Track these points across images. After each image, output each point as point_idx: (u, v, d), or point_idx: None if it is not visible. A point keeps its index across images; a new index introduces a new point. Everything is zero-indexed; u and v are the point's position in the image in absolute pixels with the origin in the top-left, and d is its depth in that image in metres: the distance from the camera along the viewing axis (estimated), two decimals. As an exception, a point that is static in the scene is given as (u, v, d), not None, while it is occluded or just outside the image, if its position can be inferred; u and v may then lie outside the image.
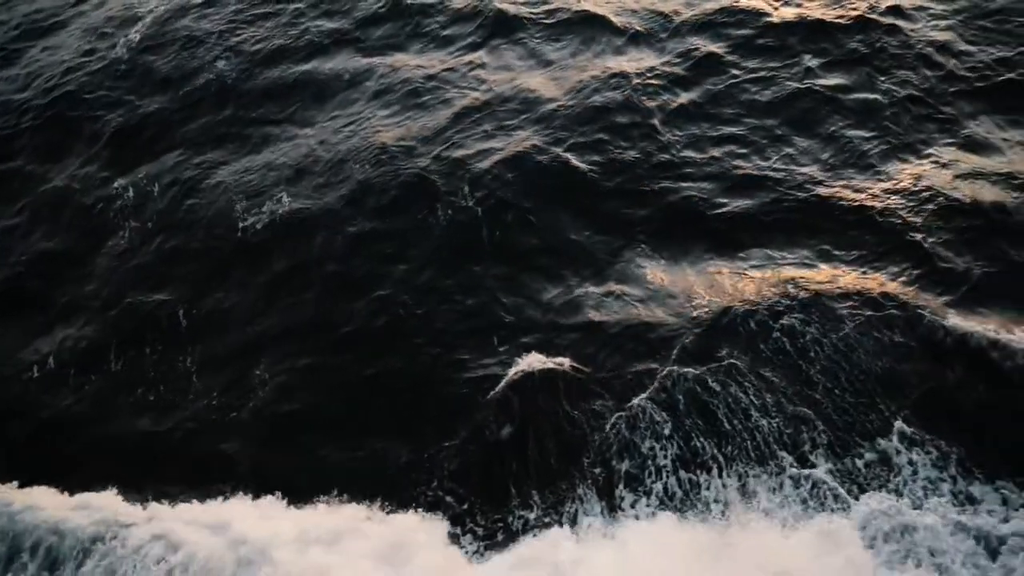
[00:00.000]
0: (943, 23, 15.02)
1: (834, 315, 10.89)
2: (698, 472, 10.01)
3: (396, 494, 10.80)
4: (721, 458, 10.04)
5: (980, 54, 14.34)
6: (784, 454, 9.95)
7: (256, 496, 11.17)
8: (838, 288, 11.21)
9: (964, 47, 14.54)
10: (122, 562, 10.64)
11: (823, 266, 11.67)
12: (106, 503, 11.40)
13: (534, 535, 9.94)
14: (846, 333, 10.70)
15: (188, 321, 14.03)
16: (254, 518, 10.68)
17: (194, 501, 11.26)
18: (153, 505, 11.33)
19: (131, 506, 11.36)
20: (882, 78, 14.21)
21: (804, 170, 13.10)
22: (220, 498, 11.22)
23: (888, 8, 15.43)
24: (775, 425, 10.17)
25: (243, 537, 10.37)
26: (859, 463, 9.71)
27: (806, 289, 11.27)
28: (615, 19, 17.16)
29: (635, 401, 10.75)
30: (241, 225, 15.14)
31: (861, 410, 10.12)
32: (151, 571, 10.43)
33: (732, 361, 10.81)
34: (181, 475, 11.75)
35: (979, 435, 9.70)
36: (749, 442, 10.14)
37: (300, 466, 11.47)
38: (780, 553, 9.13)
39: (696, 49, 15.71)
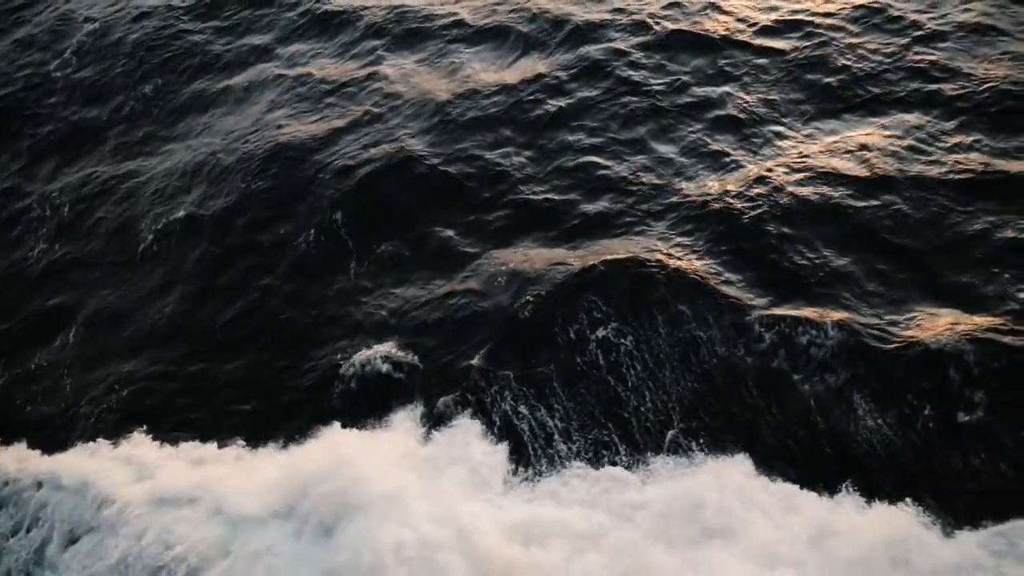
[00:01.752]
0: (818, 40, 14.49)
1: (652, 324, 10.50)
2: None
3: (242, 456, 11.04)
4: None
5: (851, 69, 13.85)
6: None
7: (120, 466, 11.30)
8: (662, 291, 10.77)
9: (839, 62, 14.03)
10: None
11: (659, 265, 11.17)
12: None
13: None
14: (659, 344, 10.35)
15: (77, 323, 14.09)
16: (115, 487, 10.84)
17: (61, 471, 11.35)
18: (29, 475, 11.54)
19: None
20: (747, 92, 13.76)
21: (656, 177, 12.69)
22: (84, 467, 11.34)
23: (763, 28, 14.97)
24: (574, 448, 9.88)
25: (107, 499, 10.65)
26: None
27: (633, 294, 10.85)
28: (517, 29, 16.79)
29: (447, 399, 10.63)
30: (139, 234, 15.17)
31: (661, 428, 9.80)
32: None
33: (544, 370, 10.54)
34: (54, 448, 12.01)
35: (769, 460, 9.37)
36: (546, 462, 9.91)
37: (161, 441, 11.63)
38: None
39: (581, 60, 15.26)
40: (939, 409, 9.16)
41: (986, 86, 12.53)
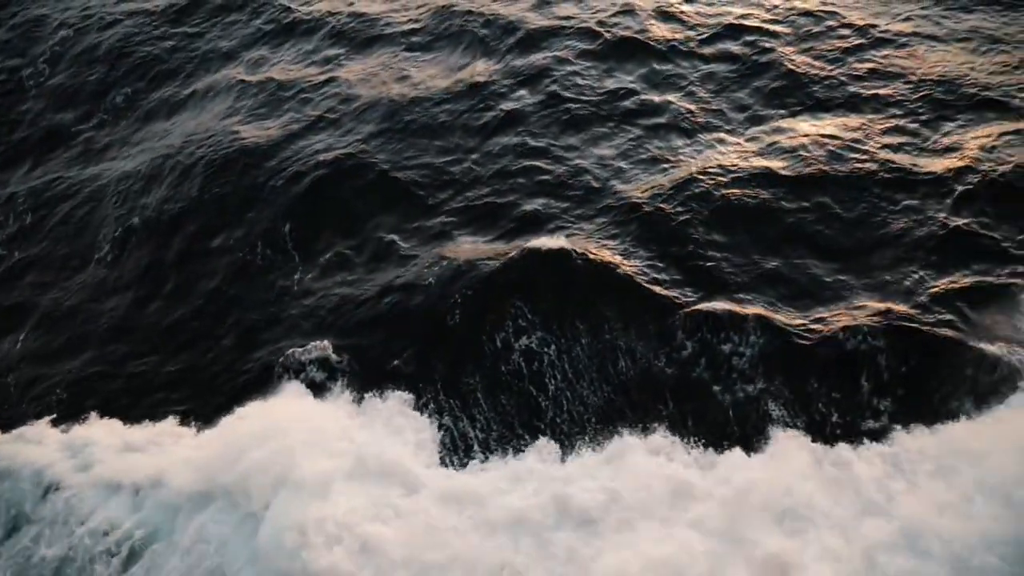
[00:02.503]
0: (762, 47, 14.14)
1: (574, 334, 10.21)
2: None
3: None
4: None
5: (793, 75, 13.53)
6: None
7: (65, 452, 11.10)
8: (588, 298, 10.48)
9: (781, 69, 13.72)
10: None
11: (588, 270, 10.84)
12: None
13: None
14: (580, 355, 10.06)
15: (30, 323, 13.84)
16: (61, 473, 10.76)
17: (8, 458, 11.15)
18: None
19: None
20: (689, 98, 13.41)
21: (594, 180, 12.39)
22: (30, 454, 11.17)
23: (710, 35, 14.64)
24: (488, 458, 9.64)
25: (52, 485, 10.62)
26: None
27: (559, 301, 10.53)
28: (471, 34, 16.46)
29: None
30: (95, 238, 14.89)
31: (575, 441, 9.53)
32: None
33: (470, 381, 10.27)
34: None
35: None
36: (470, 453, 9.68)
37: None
38: None
39: (530, 66, 14.87)
40: (847, 417, 8.89)
41: (920, 92, 12.28)
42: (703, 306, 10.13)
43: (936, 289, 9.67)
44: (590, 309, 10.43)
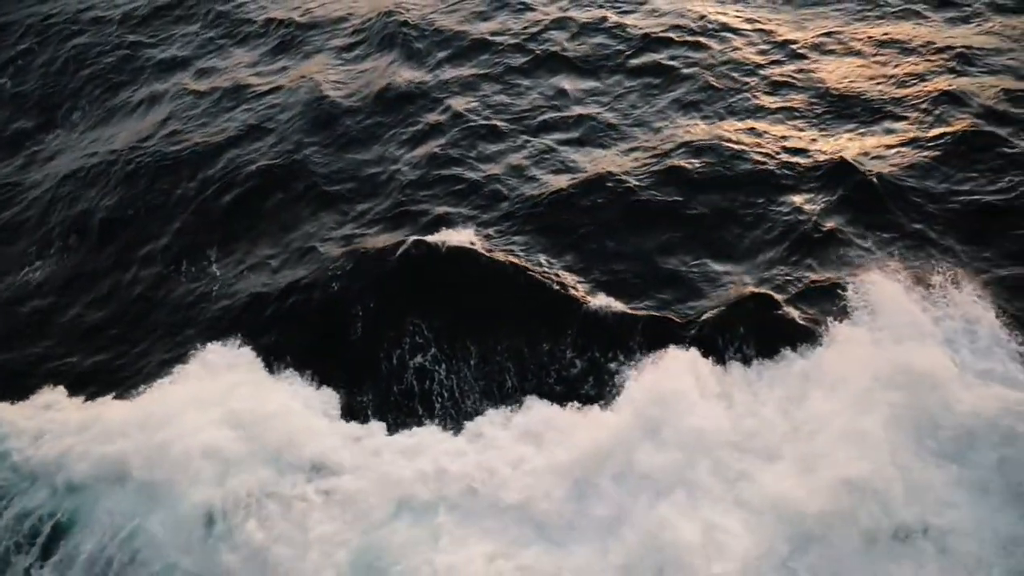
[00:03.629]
0: (683, 59, 13.61)
1: (464, 354, 9.77)
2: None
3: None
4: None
5: (712, 85, 12.98)
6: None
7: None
8: (484, 312, 10.08)
9: (701, 80, 13.14)
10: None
11: (488, 281, 10.45)
12: None
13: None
14: (467, 375, 9.60)
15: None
16: None
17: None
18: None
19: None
20: (610, 108, 12.90)
21: (506, 189, 11.93)
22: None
23: (637, 48, 14.08)
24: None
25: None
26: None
27: (455, 316, 10.07)
28: (408, 46, 15.92)
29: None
30: (33, 240, 14.49)
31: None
32: None
33: (363, 399, 9.81)
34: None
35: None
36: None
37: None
38: None
39: (460, 78, 14.39)
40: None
41: (825, 103, 12.09)
42: (596, 311, 9.72)
43: (803, 284, 9.74)
44: (486, 321, 9.96)
